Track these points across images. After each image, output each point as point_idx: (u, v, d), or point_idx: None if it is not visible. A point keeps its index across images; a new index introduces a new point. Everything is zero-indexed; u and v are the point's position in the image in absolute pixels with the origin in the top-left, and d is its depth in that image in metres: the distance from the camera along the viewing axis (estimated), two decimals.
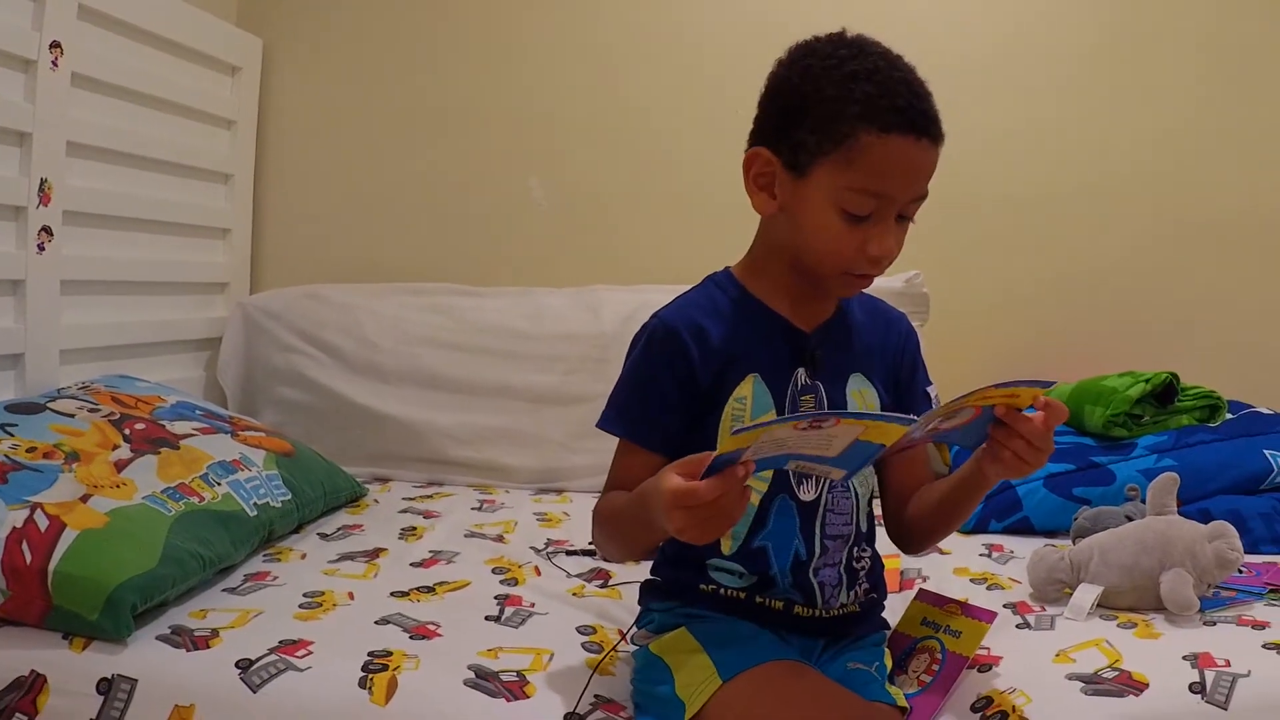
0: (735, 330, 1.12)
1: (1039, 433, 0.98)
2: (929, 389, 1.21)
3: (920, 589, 1.31)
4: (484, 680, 1.15)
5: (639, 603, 1.22)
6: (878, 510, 1.21)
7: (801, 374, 1.12)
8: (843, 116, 1.01)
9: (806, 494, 1.11)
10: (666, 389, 1.09)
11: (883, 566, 1.21)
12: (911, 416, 0.91)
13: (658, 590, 1.18)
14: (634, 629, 1.21)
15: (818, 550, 1.11)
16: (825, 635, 1.14)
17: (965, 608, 1.19)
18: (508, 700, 1.12)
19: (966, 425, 1.00)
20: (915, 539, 1.20)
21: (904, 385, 1.20)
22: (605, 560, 1.56)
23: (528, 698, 1.13)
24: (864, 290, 1.19)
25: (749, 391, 1.09)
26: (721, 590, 1.12)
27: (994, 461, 1.02)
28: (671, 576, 1.17)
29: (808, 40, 1.07)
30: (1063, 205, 2.33)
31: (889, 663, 1.16)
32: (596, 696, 1.13)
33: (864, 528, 1.16)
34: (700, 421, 1.10)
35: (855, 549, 1.14)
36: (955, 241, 2.36)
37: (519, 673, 1.17)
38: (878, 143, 1.00)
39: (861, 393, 1.14)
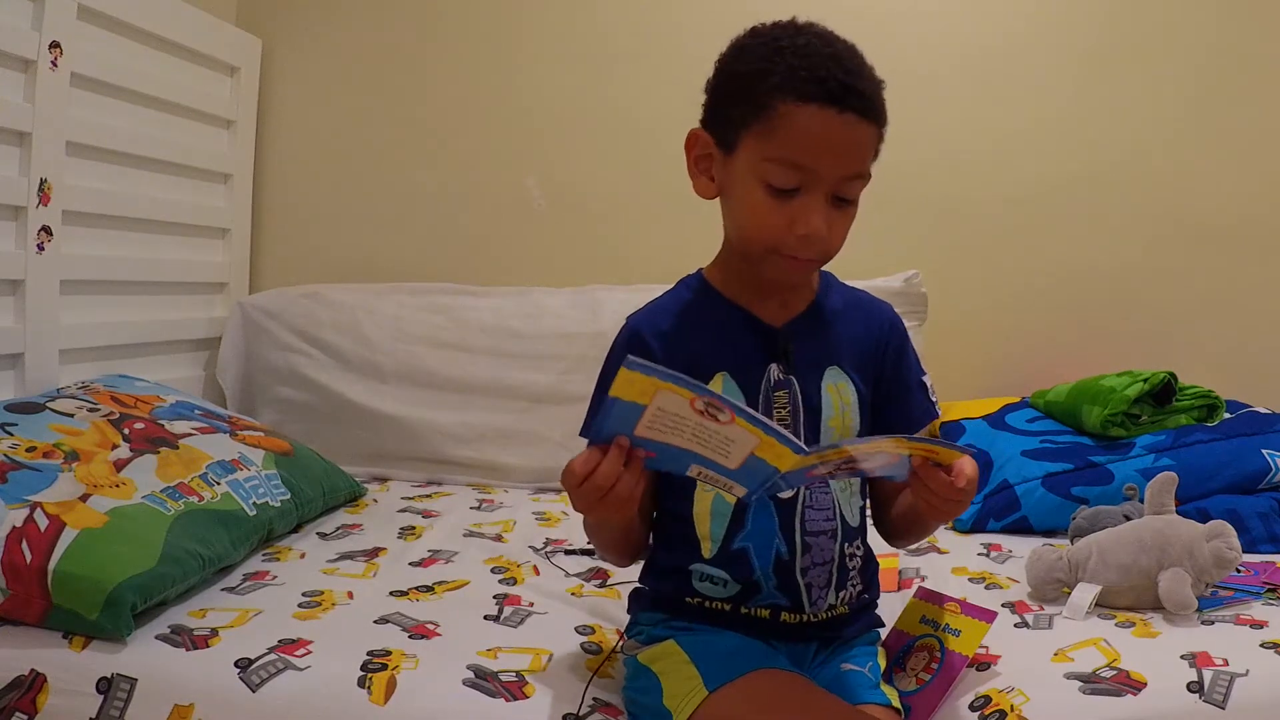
0: (702, 329, 1.11)
1: (949, 489, 0.96)
2: (924, 378, 1.19)
3: (919, 586, 1.31)
4: (483, 680, 1.15)
5: (628, 611, 1.21)
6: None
7: (774, 370, 1.09)
8: (764, 86, 1.00)
9: (785, 490, 1.10)
10: None
11: (877, 565, 1.20)
12: (802, 445, 0.89)
13: (645, 600, 1.18)
14: (625, 638, 1.20)
15: (800, 548, 1.09)
16: (815, 639, 1.13)
17: (965, 606, 1.19)
18: (507, 700, 1.12)
19: (894, 463, 0.98)
20: (897, 536, 1.20)
21: (889, 377, 1.16)
22: (606, 563, 1.56)
23: (527, 698, 1.13)
24: (824, 276, 1.17)
25: (719, 389, 1.05)
26: (707, 603, 1.12)
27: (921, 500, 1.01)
28: (657, 587, 1.16)
29: (759, 24, 1.07)
30: (1061, 205, 2.33)
31: (883, 663, 1.15)
32: (595, 699, 1.13)
33: (853, 522, 1.13)
34: None
35: (846, 545, 1.12)
36: (954, 241, 2.36)
37: (518, 673, 1.17)
38: (796, 111, 0.99)
39: (838, 386, 1.11)
